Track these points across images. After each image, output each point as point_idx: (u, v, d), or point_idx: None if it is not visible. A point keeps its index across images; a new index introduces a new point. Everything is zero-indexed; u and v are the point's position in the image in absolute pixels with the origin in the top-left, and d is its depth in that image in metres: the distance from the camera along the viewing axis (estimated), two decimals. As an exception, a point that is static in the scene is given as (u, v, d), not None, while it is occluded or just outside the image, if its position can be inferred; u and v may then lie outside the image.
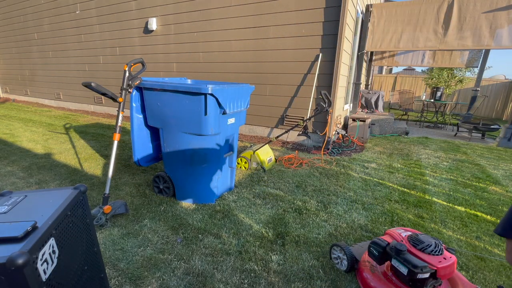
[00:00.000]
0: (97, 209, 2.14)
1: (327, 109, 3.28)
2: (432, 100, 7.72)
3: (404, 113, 8.09)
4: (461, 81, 11.28)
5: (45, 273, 0.94)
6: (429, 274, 1.36)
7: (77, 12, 7.12)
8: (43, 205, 1.13)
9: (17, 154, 3.73)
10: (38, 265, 0.91)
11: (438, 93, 7.68)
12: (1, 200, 1.17)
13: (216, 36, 5.17)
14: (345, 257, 1.71)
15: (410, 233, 1.61)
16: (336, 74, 4.27)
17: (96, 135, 4.91)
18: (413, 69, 21.08)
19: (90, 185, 2.81)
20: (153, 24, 5.80)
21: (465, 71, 11.19)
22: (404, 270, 1.40)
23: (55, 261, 1.01)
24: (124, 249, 1.85)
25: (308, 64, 4.50)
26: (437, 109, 7.89)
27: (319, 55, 4.35)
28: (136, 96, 2.45)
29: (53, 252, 1.01)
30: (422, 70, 17.34)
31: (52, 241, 1.00)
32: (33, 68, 9.03)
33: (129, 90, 2.33)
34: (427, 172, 3.58)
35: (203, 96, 2.07)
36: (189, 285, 1.56)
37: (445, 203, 2.72)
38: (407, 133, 6.03)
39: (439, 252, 1.41)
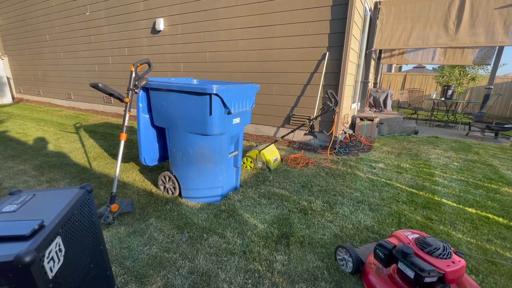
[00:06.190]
0: (104, 207, 2.18)
1: (333, 109, 3.25)
2: (443, 99, 7.54)
3: (414, 112, 7.93)
4: (473, 79, 10.98)
5: (51, 270, 0.96)
6: (436, 278, 1.33)
7: (87, 13, 7.25)
8: (50, 204, 1.15)
9: (29, 153, 3.83)
10: (45, 263, 0.93)
11: (449, 92, 7.50)
12: (10, 199, 1.20)
13: (222, 36, 5.18)
14: (350, 259, 1.69)
15: (417, 235, 1.57)
16: (344, 72, 4.22)
17: (105, 135, 4.99)
18: (424, 67, 20.62)
19: (98, 184, 2.86)
20: (161, 24, 5.85)
21: (477, 69, 10.88)
22: (411, 273, 1.37)
23: (62, 259, 1.03)
24: (131, 247, 1.88)
25: (315, 63, 4.46)
26: (448, 108, 7.70)
27: (326, 53, 4.31)
28: (143, 96, 2.47)
29: (60, 250, 1.02)
30: (433, 68, 16.96)
31: (58, 240, 1.02)
32: (45, 69, 9.25)
33: (136, 90, 2.36)
34: (437, 172, 3.50)
35: (208, 96, 2.07)
36: (193, 284, 1.57)
37: (455, 204, 2.65)
38: (416, 133, 5.92)
39: (447, 255, 1.38)
